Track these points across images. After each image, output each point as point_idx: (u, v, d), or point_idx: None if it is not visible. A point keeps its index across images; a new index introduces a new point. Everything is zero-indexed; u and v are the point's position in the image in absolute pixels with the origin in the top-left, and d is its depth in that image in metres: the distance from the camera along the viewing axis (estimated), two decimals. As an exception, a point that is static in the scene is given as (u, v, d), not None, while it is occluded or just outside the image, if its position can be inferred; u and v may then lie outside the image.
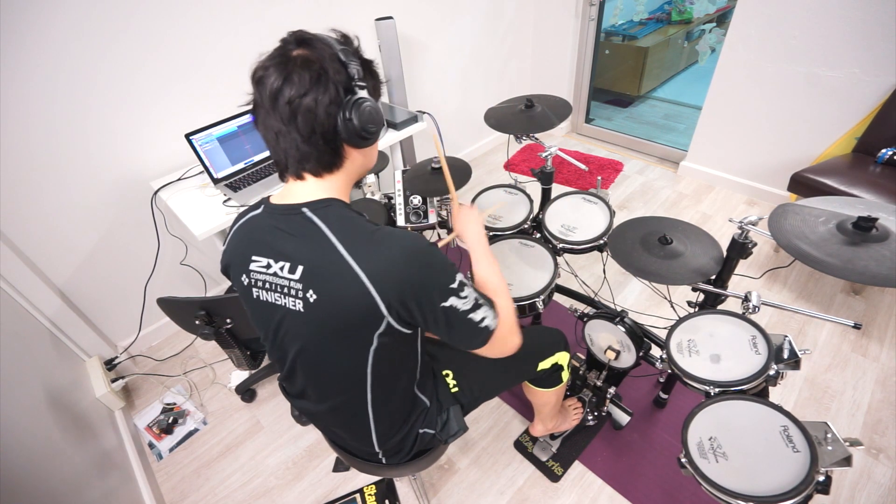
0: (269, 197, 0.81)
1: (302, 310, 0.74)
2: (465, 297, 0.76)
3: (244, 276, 0.79)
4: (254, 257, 0.77)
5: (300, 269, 0.73)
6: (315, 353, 0.80)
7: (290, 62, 0.67)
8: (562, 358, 1.19)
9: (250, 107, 0.74)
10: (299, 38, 0.70)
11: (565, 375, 1.24)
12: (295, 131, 0.70)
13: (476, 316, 0.78)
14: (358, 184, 0.82)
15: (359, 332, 0.75)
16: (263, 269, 0.76)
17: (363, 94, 0.71)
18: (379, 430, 0.92)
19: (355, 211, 0.77)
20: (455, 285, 0.75)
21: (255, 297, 0.80)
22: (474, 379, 1.07)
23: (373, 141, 0.76)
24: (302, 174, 0.75)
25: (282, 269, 0.74)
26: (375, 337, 0.75)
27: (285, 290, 0.75)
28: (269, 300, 0.78)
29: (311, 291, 0.72)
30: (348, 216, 0.74)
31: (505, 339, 0.84)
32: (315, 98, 0.67)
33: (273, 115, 0.69)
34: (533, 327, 1.27)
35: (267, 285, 0.77)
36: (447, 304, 0.74)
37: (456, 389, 1.04)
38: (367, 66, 0.75)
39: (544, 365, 1.16)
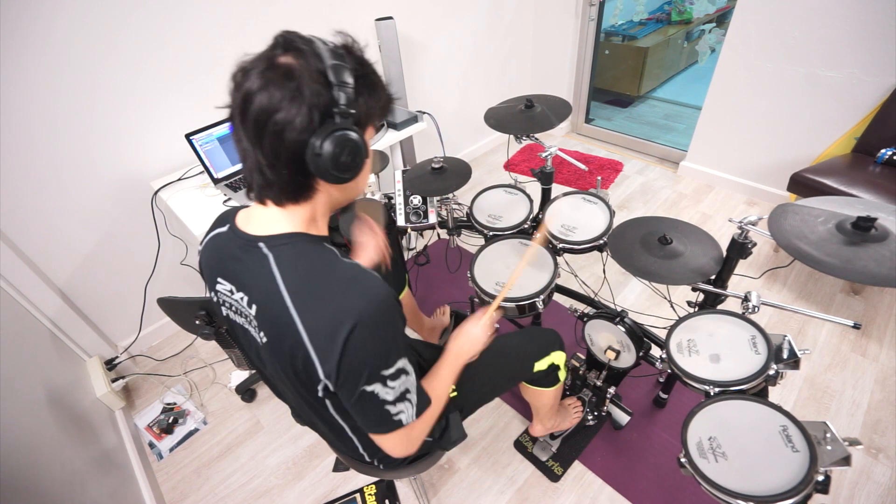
0: (237, 212, 0.74)
1: (262, 344, 0.70)
2: (393, 388, 0.67)
3: (213, 294, 0.76)
4: (219, 279, 0.73)
5: (254, 308, 0.68)
6: (279, 380, 0.78)
7: (270, 70, 0.58)
8: (558, 357, 1.19)
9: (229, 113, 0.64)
10: (288, 42, 0.60)
11: (562, 375, 1.24)
12: (260, 153, 0.61)
13: (394, 408, 0.69)
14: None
15: (305, 385, 0.69)
16: (228, 294, 0.72)
17: (347, 122, 0.60)
18: (364, 443, 0.91)
19: (323, 244, 0.69)
20: (388, 372, 0.66)
21: (225, 314, 0.76)
22: (474, 383, 1.06)
23: (350, 178, 0.65)
24: (264, 200, 0.67)
25: (241, 299, 0.70)
26: (321, 393, 0.68)
27: (248, 319, 0.71)
28: (238, 322, 0.74)
29: (262, 333, 0.68)
30: (306, 257, 0.66)
31: (405, 441, 0.75)
32: (285, 119, 0.58)
33: (242, 128, 0.61)
34: (527, 328, 1.27)
35: (234, 309, 0.73)
36: (369, 388, 0.65)
37: (455, 395, 1.04)
38: (367, 86, 0.63)
39: (540, 366, 1.16)
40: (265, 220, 0.68)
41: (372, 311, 0.63)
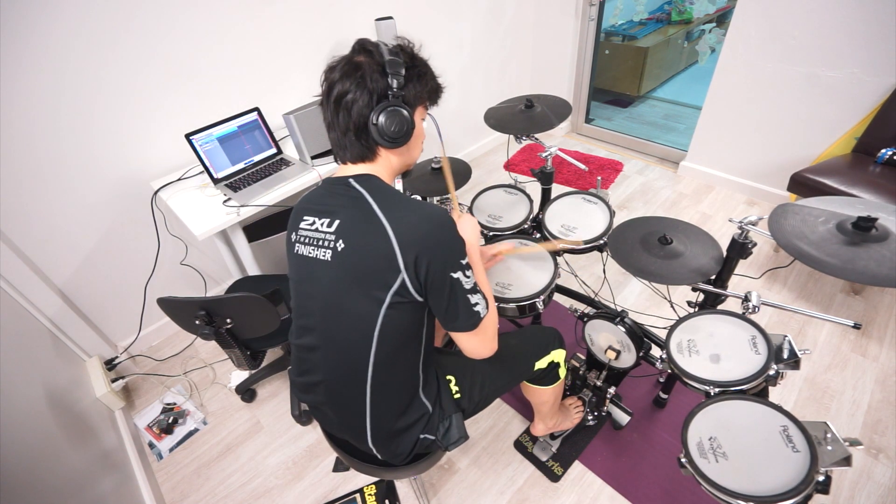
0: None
1: (329, 259, 0.84)
2: (469, 278, 0.85)
3: (294, 233, 0.92)
4: (304, 217, 0.90)
5: (337, 222, 0.84)
6: (332, 303, 0.87)
7: (347, 65, 0.81)
8: (558, 355, 1.20)
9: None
10: (362, 46, 0.83)
11: (562, 372, 1.24)
12: (337, 125, 0.84)
13: (473, 298, 0.86)
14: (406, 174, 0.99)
15: (376, 282, 0.81)
16: (308, 227, 0.88)
17: (397, 101, 0.82)
18: (374, 414, 0.92)
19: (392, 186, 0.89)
20: (464, 262, 0.84)
21: (295, 251, 0.91)
22: (475, 382, 1.07)
23: (401, 144, 0.86)
24: (345, 161, 0.90)
25: (322, 224, 0.86)
26: (389, 294, 0.81)
27: (320, 242, 0.86)
28: (304, 253, 0.89)
29: (340, 241, 0.83)
30: (386, 187, 0.87)
31: (487, 333, 0.91)
32: (353, 99, 0.80)
33: (327, 107, 0.84)
34: (527, 327, 1.27)
35: (306, 240, 0.88)
36: (455, 275, 0.82)
37: (458, 395, 1.04)
38: (416, 75, 0.85)
39: (541, 364, 1.17)
40: (349, 171, 0.89)
41: (442, 217, 0.82)
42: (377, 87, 0.80)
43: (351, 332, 0.86)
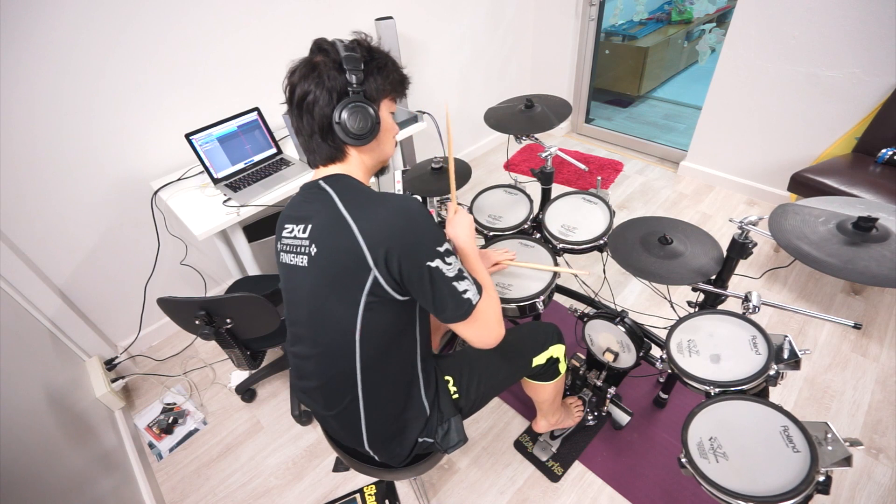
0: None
1: (306, 265, 0.84)
2: (451, 265, 0.81)
3: (278, 243, 0.91)
4: (285, 225, 0.89)
5: (309, 227, 0.83)
6: (314, 308, 0.86)
7: (305, 67, 0.80)
8: (557, 350, 1.19)
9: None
10: (319, 46, 0.81)
11: (562, 367, 1.24)
12: (303, 129, 0.83)
13: (459, 286, 0.82)
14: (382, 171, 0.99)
15: (349, 283, 0.79)
16: (288, 235, 0.87)
17: (358, 96, 0.80)
18: (369, 418, 0.92)
19: (364, 184, 0.87)
20: (441, 249, 0.80)
21: (281, 260, 0.91)
22: (473, 380, 1.07)
23: (368, 140, 0.84)
24: (316, 165, 0.89)
25: (299, 230, 0.85)
26: (364, 294, 0.79)
27: (297, 248, 0.85)
28: (287, 261, 0.88)
29: (313, 246, 0.82)
30: (354, 184, 0.85)
31: (487, 320, 0.86)
32: (313, 101, 0.79)
33: (293, 111, 0.83)
34: (525, 323, 1.27)
35: (287, 248, 0.88)
36: (432, 264, 0.78)
37: (457, 396, 1.04)
38: (375, 69, 0.83)
39: (539, 360, 1.16)
40: (321, 173, 0.88)
41: (410, 205, 0.79)
42: (336, 85, 0.78)
43: (335, 337, 0.85)
